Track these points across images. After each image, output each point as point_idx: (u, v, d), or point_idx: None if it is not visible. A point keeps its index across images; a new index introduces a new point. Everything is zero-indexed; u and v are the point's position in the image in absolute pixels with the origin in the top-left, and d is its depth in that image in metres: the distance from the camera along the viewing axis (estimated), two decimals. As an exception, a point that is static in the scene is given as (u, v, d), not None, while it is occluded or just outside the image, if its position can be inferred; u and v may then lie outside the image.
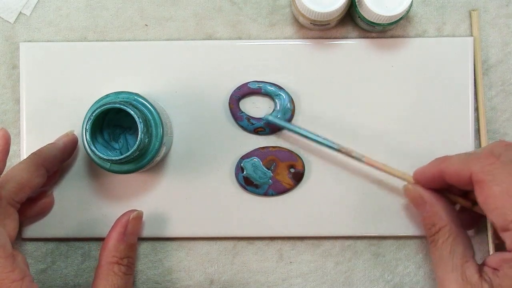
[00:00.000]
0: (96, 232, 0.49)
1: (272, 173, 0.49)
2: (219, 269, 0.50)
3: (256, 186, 0.49)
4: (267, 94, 0.49)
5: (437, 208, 0.43)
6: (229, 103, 0.49)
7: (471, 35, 0.50)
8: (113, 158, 0.41)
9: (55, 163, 0.46)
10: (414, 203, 0.45)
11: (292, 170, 0.49)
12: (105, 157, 0.41)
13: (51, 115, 0.49)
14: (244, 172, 0.49)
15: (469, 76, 0.49)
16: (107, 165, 0.43)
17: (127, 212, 0.47)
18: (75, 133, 0.49)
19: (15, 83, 0.50)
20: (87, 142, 0.42)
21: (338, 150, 0.47)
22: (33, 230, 0.49)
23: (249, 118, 0.49)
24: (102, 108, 0.41)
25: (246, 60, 0.49)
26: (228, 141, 0.49)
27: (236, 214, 0.49)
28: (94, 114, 0.41)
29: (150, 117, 0.43)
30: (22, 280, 0.39)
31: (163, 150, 0.45)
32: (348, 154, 0.46)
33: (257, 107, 0.50)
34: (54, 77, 0.49)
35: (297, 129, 0.47)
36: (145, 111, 0.43)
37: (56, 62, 0.49)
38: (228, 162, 0.49)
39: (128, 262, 0.45)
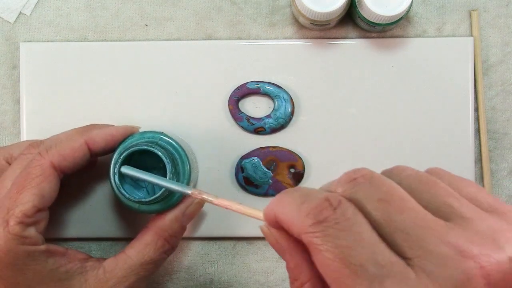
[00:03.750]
0: (96, 232, 0.49)
1: (272, 173, 0.49)
2: (219, 269, 0.50)
3: (256, 186, 0.49)
4: (266, 94, 0.49)
5: (298, 259, 0.31)
6: (228, 104, 0.49)
7: (471, 35, 0.50)
8: (142, 200, 0.41)
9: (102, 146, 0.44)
10: (275, 249, 0.32)
11: (292, 170, 0.49)
12: (135, 200, 0.41)
13: (51, 115, 0.49)
14: (244, 172, 0.49)
15: (469, 76, 0.49)
16: (136, 205, 0.43)
17: (190, 197, 0.44)
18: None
19: (15, 83, 0.50)
20: (115, 185, 0.41)
21: (192, 195, 0.41)
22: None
23: (248, 118, 0.49)
24: (129, 150, 0.41)
25: (246, 60, 0.49)
26: (228, 141, 0.49)
27: (236, 214, 0.49)
28: (122, 157, 0.41)
29: (177, 156, 0.43)
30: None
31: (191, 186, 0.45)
32: (198, 196, 0.40)
33: (257, 107, 0.50)
34: (54, 77, 0.49)
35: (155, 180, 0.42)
36: (171, 150, 0.43)
37: (56, 62, 0.49)
38: (228, 162, 0.49)
39: (174, 242, 0.44)
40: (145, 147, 0.41)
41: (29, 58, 0.49)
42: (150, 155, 0.41)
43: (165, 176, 0.41)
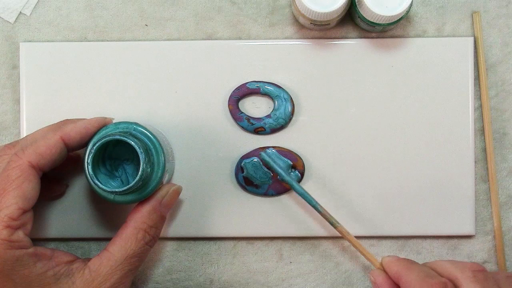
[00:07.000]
0: (96, 232, 0.49)
1: (272, 173, 0.49)
2: (219, 269, 0.50)
3: (256, 186, 0.49)
4: (266, 94, 0.49)
5: None
6: (228, 104, 0.49)
7: (471, 35, 0.50)
8: (116, 190, 0.40)
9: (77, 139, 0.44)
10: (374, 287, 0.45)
11: (292, 170, 0.49)
12: (108, 190, 0.40)
13: (51, 115, 0.49)
14: (244, 172, 0.49)
15: (469, 76, 0.49)
16: (111, 196, 0.43)
17: (167, 184, 0.45)
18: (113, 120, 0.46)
19: (15, 83, 0.50)
20: (89, 176, 0.41)
21: (320, 212, 0.47)
22: (33, 230, 0.49)
23: (248, 118, 0.49)
24: (102, 140, 0.41)
25: (246, 60, 0.49)
26: (228, 141, 0.49)
27: (236, 214, 0.49)
28: (95, 147, 0.41)
29: (151, 146, 0.43)
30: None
31: (166, 177, 0.45)
32: (325, 217, 0.47)
33: (257, 107, 0.50)
34: (54, 77, 0.49)
35: (301, 191, 0.47)
36: (145, 140, 0.43)
37: (56, 62, 0.49)
38: (228, 162, 0.49)
39: (155, 233, 0.44)
40: (119, 137, 0.40)
41: (29, 58, 0.49)
42: (124, 145, 0.41)
43: (139, 166, 0.40)
